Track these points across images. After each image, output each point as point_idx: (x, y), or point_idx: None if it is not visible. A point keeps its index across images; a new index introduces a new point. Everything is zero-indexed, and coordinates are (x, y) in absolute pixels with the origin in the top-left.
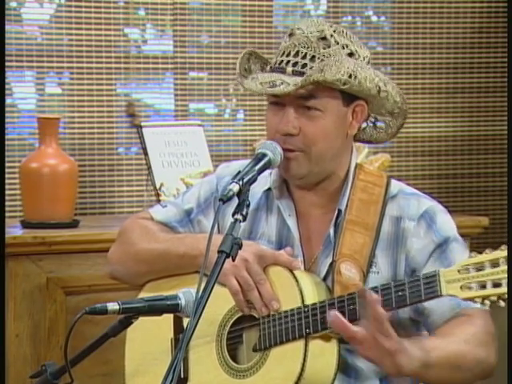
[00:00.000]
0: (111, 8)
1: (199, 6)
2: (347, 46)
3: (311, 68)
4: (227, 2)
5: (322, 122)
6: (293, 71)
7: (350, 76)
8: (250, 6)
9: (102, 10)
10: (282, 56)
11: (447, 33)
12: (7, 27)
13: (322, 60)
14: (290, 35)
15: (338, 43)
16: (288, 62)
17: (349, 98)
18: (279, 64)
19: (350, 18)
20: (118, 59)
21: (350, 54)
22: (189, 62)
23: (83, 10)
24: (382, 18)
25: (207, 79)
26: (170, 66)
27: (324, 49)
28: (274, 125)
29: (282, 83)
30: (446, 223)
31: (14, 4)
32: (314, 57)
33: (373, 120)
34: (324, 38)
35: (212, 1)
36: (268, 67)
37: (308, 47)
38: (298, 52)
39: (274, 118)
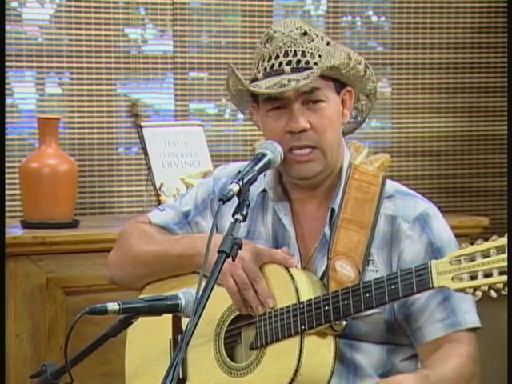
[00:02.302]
0: (111, 8)
1: (199, 6)
2: (324, 38)
3: (306, 62)
4: (227, 1)
5: (328, 113)
6: (292, 69)
7: (348, 59)
8: (249, 6)
9: (102, 10)
10: (269, 61)
11: (447, 33)
12: (7, 27)
13: (312, 53)
14: (269, 40)
15: (317, 36)
16: (281, 63)
17: (339, 85)
18: (271, 68)
19: (349, 18)
20: (118, 59)
21: (328, 44)
22: (189, 62)
23: (83, 10)
24: (382, 18)
25: (207, 79)
26: (169, 66)
27: (309, 43)
28: (280, 128)
29: (289, 81)
30: (441, 229)
31: (14, 4)
32: (303, 52)
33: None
34: (305, 33)
35: (212, 1)
36: (260, 75)
37: (295, 45)
38: (286, 52)
39: (279, 122)
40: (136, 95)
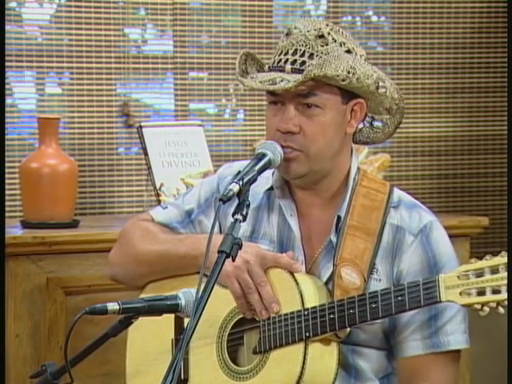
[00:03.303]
0: (111, 8)
1: (199, 6)
2: (344, 44)
3: (310, 65)
4: (227, 1)
5: (322, 120)
6: (292, 69)
7: (349, 72)
8: (249, 6)
9: (102, 10)
10: (280, 55)
11: (447, 33)
12: (7, 27)
13: (321, 57)
14: (288, 34)
15: (335, 41)
16: (286, 60)
17: (347, 95)
18: (277, 63)
19: (349, 18)
20: (118, 59)
21: (348, 52)
22: (189, 62)
23: (83, 10)
24: (382, 18)
25: (207, 79)
26: (169, 65)
27: (322, 46)
28: (274, 124)
29: (282, 80)
30: (441, 245)
31: (14, 4)
32: (312, 54)
33: (369, 120)
34: (322, 36)
35: (212, 1)
36: (266, 67)
37: (306, 45)
38: (296, 50)
39: (274, 117)
40: (136, 95)
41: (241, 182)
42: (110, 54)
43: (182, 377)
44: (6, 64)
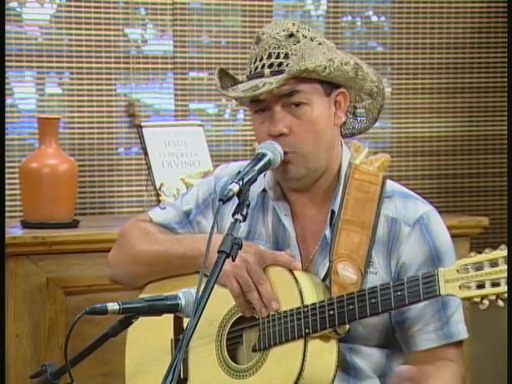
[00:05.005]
0: (111, 8)
1: (199, 6)
2: (315, 38)
3: (287, 65)
4: (227, 1)
5: (310, 116)
6: (271, 72)
7: (328, 61)
8: (249, 6)
9: (102, 10)
10: (255, 63)
11: (447, 33)
12: (7, 27)
13: (296, 55)
14: (257, 42)
15: (305, 37)
16: (263, 65)
17: (329, 87)
18: (255, 70)
19: (349, 18)
20: (118, 59)
21: (319, 44)
22: (189, 62)
23: (83, 10)
24: (382, 18)
25: (207, 79)
26: (169, 65)
27: (294, 44)
28: (264, 131)
29: (264, 84)
30: (441, 234)
31: (14, 4)
32: (287, 54)
33: (352, 110)
34: (292, 35)
35: (212, 1)
36: (244, 77)
37: (279, 47)
38: (270, 54)
39: (262, 125)
40: (136, 95)
41: (241, 182)
42: (110, 54)
43: (182, 376)
44: (6, 64)
